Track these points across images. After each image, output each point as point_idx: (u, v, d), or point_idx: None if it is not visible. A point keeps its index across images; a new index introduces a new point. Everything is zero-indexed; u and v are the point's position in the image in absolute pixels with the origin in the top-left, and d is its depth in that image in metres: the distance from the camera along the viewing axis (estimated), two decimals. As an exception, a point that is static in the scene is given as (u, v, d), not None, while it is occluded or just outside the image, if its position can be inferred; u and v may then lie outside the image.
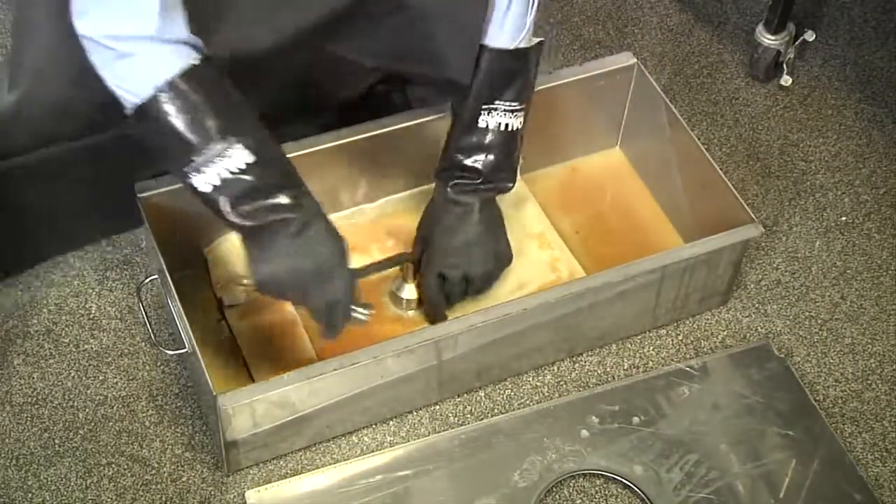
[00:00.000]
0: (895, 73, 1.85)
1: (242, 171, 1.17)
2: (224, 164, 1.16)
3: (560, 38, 1.87)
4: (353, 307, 1.31)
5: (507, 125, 1.39)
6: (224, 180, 1.17)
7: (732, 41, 1.88)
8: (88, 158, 1.43)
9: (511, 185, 1.45)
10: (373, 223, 1.57)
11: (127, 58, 1.13)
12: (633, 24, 1.90)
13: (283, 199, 1.21)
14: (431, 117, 1.50)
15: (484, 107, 1.38)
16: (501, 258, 1.47)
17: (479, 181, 1.42)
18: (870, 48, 1.88)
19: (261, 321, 1.46)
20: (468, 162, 1.41)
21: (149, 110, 1.15)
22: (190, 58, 1.16)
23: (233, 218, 1.20)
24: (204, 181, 1.17)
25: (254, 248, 1.25)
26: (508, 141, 1.41)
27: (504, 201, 1.59)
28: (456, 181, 1.42)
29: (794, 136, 1.76)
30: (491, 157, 1.40)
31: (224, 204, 1.18)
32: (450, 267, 1.44)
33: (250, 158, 1.17)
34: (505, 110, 1.39)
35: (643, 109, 1.60)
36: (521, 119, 1.40)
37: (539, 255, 1.55)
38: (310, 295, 1.28)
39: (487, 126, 1.39)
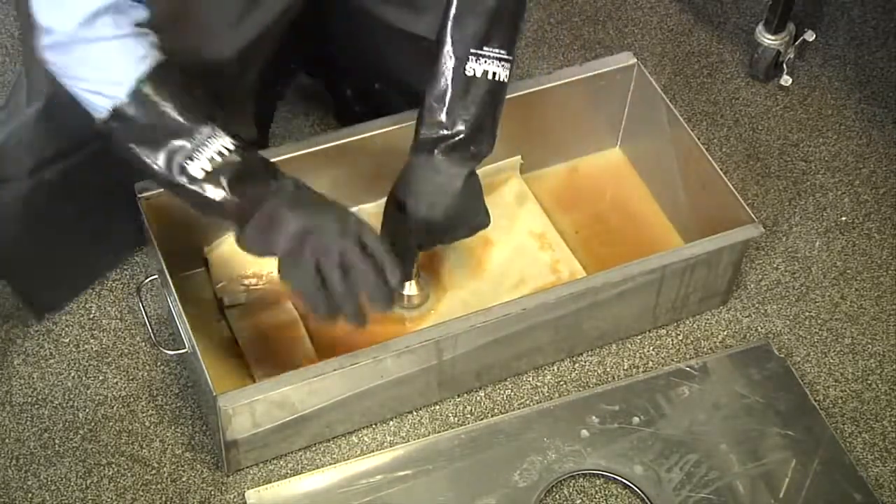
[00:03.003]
0: (895, 73, 1.85)
1: (231, 152, 1.18)
2: (214, 146, 1.17)
3: (560, 38, 1.87)
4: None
5: (495, 74, 1.33)
6: (216, 163, 1.17)
7: (732, 41, 1.88)
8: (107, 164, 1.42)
9: (491, 151, 1.37)
10: (373, 223, 1.56)
11: (101, 51, 1.15)
12: (633, 24, 1.90)
13: (273, 181, 1.21)
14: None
15: (472, 52, 1.32)
16: (479, 227, 1.42)
17: (463, 143, 1.34)
18: (870, 48, 1.88)
19: (261, 321, 1.46)
20: (452, 119, 1.33)
21: (132, 106, 1.15)
22: (157, 51, 1.17)
23: (228, 198, 1.19)
24: (198, 167, 1.17)
25: (252, 226, 1.21)
26: (496, 94, 1.34)
27: (504, 201, 1.59)
28: (440, 145, 1.34)
29: (794, 136, 1.76)
30: (477, 113, 1.33)
31: (220, 185, 1.18)
32: (429, 242, 1.41)
33: (236, 141, 1.18)
34: (494, 58, 1.33)
35: (643, 109, 1.60)
36: (508, 72, 1.34)
37: (540, 256, 1.55)
38: (326, 267, 1.22)
39: (475, 75, 1.32)
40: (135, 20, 1.16)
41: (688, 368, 1.47)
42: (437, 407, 1.44)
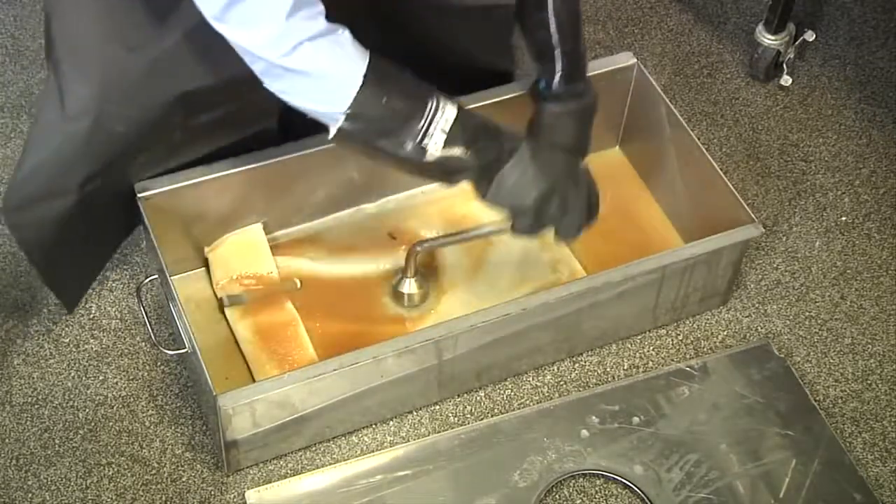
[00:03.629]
0: (895, 73, 1.85)
1: (457, 118, 1.22)
2: (442, 119, 1.21)
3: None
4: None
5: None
6: (449, 134, 1.22)
7: (732, 41, 1.88)
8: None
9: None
10: (373, 223, 1.57)
11: (310, 57, 1.16)
12: (633, 24, 1.90)
13: (503, 137, 1.27)
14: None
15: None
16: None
17: (579, 74, 1.40)
18: (870, 48, 1.88)
19: (261, 321, 1.46)
20: (579, 61, 1.40)
21: (358, 110, 1.18)
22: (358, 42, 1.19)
23: (471, 159, 1.24)
24: (434, 143, 1.22)
25: (497, 183, 1.27)
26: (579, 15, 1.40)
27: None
28: (564, 88, 1.39)
29: (794, 136, 1.76)
30: (581, 45, 1.40)
31: (461, 150, 1.23)
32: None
33: (455, 106, 1.23)
34: None
35: (643, 109, 1.60)
36: None
37: (540, 256, 1.55)
38: (570, 199, 1.31)
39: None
40: (319, 11, 1.16)
41: (688, 368, 1.47)
42: (437, 407, 1.44)
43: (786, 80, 1.80)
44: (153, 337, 1.39)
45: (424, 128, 1.21)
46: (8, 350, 1.47)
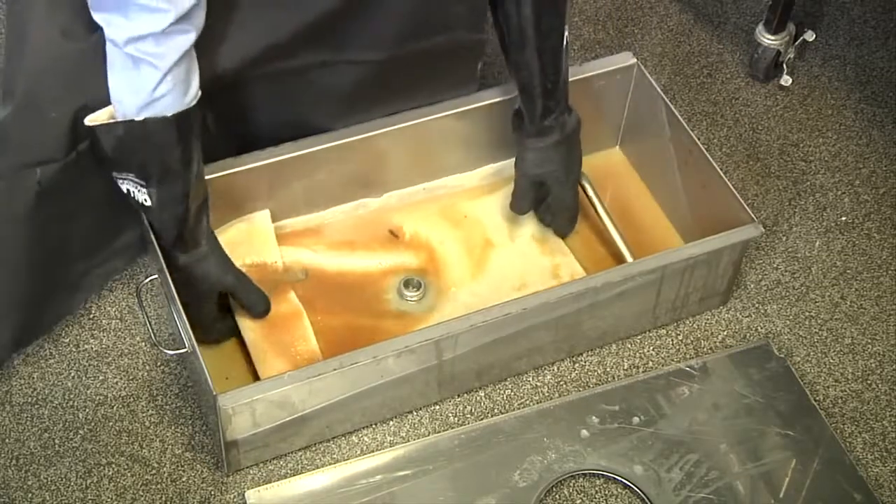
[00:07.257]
0: (895, 73, 1.85)
1: (141, 206, 1.29)
2: (135, 194, 1.28)
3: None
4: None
5: (565, 35, 1.41)
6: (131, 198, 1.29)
7: (732, 41, 1.88)
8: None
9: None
10: (375, 218, 1.57)
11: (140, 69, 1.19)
12: (633, 24, 1.90)
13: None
14: (433, 116, 1.51)
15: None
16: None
17: (565, 109, 1.45)
18: (870, 48, 1.88)
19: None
20: (557, 100, 1.44)
21: (128, 131, 1.22)
22: (188, 97, 1.23)
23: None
24: (125, 188, 1.28)
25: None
26: (564, 50, 1.43)
27: (505, 202, 1.59)
28: (544, 124, 1.44)
29: (794, 136, 1.76)
30: (565, 77, 1.44)
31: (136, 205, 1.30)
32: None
33: (149, 203, 1.28)
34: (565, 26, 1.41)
35: (643, 109, 1.60)
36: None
37: (541, 261, 1.55)
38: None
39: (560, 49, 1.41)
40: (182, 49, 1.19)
41: (688, 368, 1.47)
42: (437, 407, 1.44)
43: (786, 80, 1.80)
44: (153, 337, 1.39)
45: (120, 180, 1.27)
46: (8, 350, 1.47)
